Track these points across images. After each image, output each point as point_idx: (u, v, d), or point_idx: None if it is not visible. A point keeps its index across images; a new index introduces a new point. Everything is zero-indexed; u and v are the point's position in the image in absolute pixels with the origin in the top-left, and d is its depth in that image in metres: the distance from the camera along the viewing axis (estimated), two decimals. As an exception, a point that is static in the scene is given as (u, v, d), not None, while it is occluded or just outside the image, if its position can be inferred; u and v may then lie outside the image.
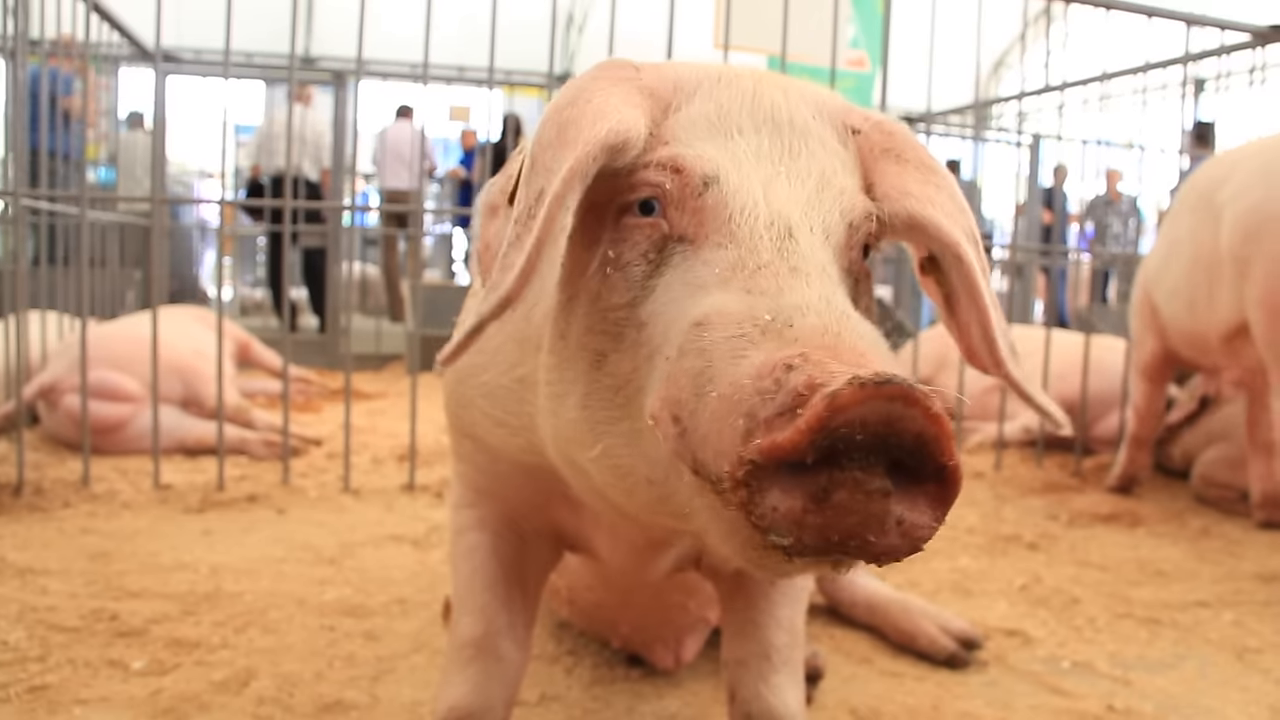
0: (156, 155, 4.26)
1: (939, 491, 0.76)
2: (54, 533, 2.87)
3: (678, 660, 1.98)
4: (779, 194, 0.97)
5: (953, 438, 0.74)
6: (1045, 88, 5.77)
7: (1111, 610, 2.51)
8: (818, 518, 0.73)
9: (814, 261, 0.91)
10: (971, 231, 1.06)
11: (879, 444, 0.73)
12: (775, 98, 1.06)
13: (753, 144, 1.02)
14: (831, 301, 0.85)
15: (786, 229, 0.94)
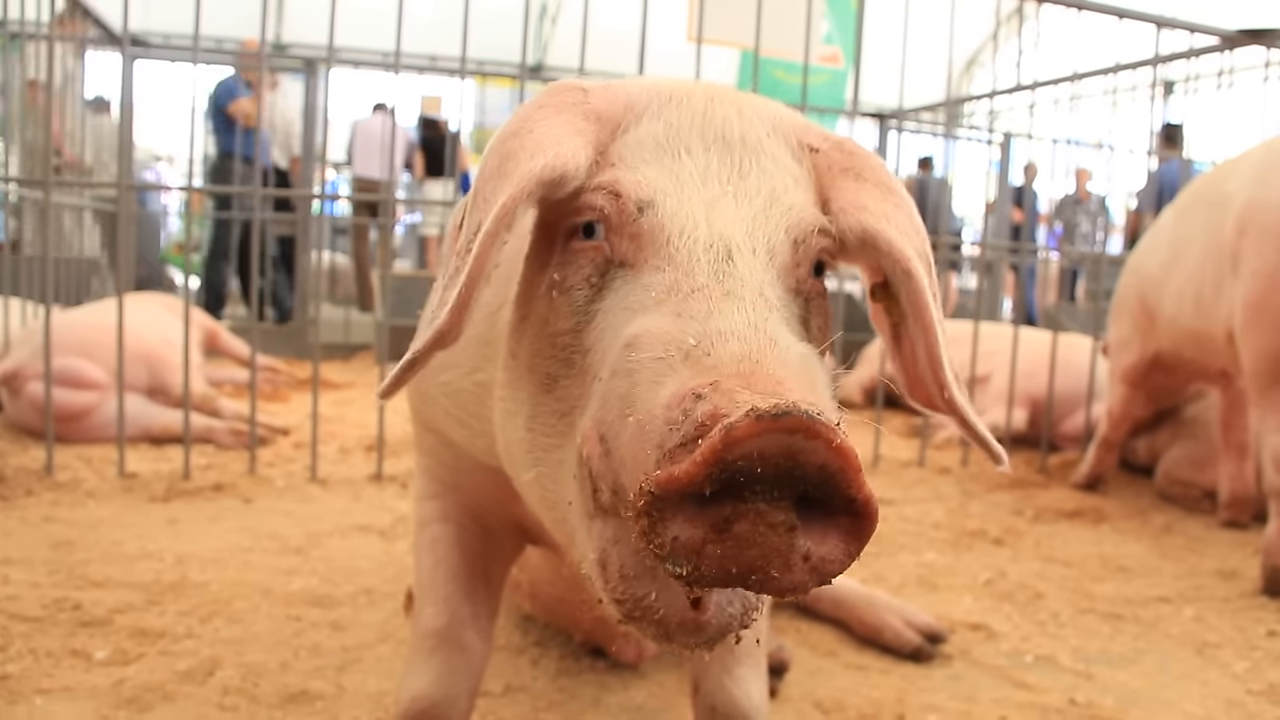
0: (123, 140, 4.22)
1: (851, 525, 0.75)
2: (16, 521, 2.84)
3: (639, 654, 1.98)
4: (722, 214, 0.96)
5: (859, 470, 0.73)
6: (1016, 87, 5.81)
7: (1075, 605, 2.54)
8: (718, 549, 0.72)
9: (750, 284, 0.90)
10: (925, 254, 1.05)
11: (783, 476, 0.72)
12: (728, 115, 1.04)
13: (700, 163, 1.01)
14: (760, 327, 0.84)
15: (726, 251, 0.92)
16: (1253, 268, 2.91)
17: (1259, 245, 2.90)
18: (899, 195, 1.07)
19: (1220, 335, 3.12)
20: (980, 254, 5.32)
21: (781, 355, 0.81)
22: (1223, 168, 3.40)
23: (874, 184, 1.06)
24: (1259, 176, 3.00)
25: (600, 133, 1.05)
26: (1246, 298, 2.92)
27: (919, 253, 1.03)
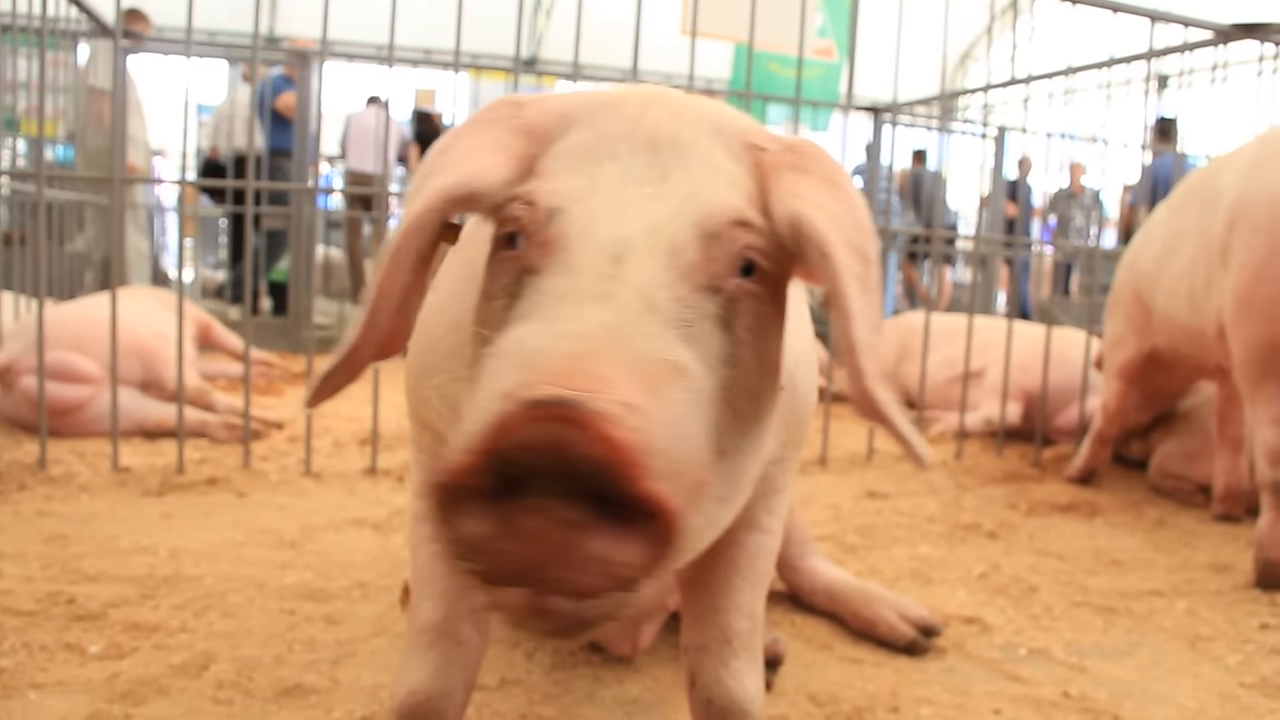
0: (116, 133, 4.21)
1: (649, 528, 0.71)
2: (9, 515, 2.83)
3: (634, 647, 1.98)
4: (627, 217, 0.94)
5: (636, 465, 0.69)
6: (1011, 81, 5.81)
7: (1068, 599, 2.54)
8: (505, 544, 0.71)
9: (633, 284, 0.87)
10: (860, 248, 0.98)
11: (566, 471, 0.69)
12: (661, 119, 1.03)
13: (623, 168, 0.99)
14: (615, 327, 0.81)
15: (619, 253, 0.90)
16: (1241, 260, 2.91)
17: (1248, 238, 2.90)
18: (843, 191, 1.02)
19: (1213, 331, 3.12)
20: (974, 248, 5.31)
21: (624, 355, 0.78)
22: (1216, 163, 3.40)
23: (818, 178, 1.01)
24: (1249, 171, 3.01)
25: (528, 146, 1.04)
26: (1235, 290, 2.92)
27: (850, 243, 0.97)
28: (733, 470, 0.97)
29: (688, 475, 0.74)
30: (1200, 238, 3.21)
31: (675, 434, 0.74)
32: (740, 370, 0.93)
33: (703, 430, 0.82)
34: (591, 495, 0.69)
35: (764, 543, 1.44)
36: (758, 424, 1.00)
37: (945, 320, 5.49)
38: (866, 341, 0.93)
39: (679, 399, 0.78)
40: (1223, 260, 3.03)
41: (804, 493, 3.50)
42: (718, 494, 0.94)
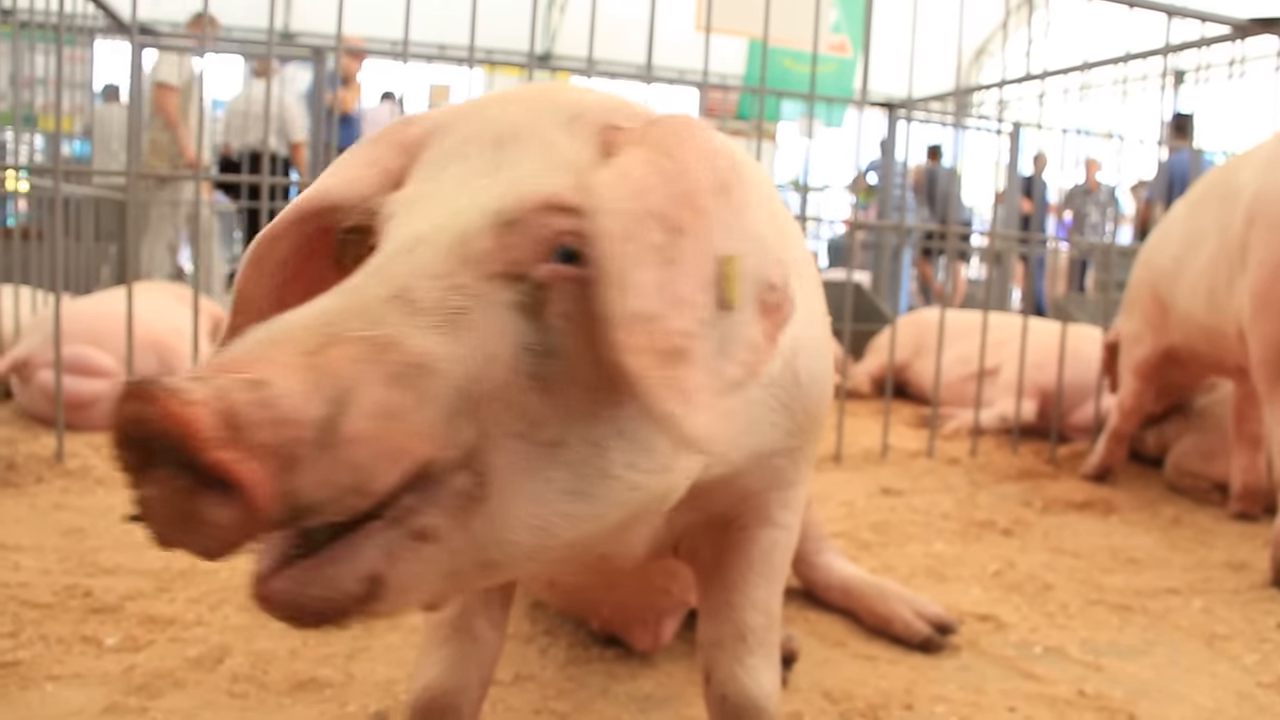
0: (133, 129, 4.22)
1: (239, 494, 0.73)
2: (26, 509, 2.85)
3: (656, 641, 1.98)
4: (434, 212, 0.94)
5: (199, 434, 0.70)
6: (1026, 76, 5.79)
7: (1084, 597, 2.53)
8: (150, 509, 0.76)
9: (390, 275, 0.87)
10: (666, 215, 0.90)
11: (154, 445, 0.73)
12: (515, 115, 1.02)
13: (465, 168, 0.99)
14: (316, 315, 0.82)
15: (411, 249, 0.90)
16: (1259, 257, 2.90)
17: (1267, 235, 2.89)
18: (672, 159, 0.94)
19: (1233, 331, 3.11)
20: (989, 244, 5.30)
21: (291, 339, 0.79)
22: (1235, 160, 3.38)
23: (650, 147, 0.95)
24: (1268, 167, 2.99)
25: (400, 159, 1.06)
26: (1254, 287, 2.91)
27: (650, 211, 0.90)
28: (581, 464, 0.93)
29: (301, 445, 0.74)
30: (1219, 235, 3.19)
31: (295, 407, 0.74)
32: (563, 360, 0.91)
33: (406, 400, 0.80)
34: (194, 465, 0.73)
35: (779, 538, 1.43)
36: (611, 415, 0.95)
37: (960, 317, 5.47)
38: (641, 313, 0.87)
39: (349, 370, 0.78)
40: (1242, 258, 3.01)
41: (818, 489, 3.49)
42: (566, 487, 0.92)
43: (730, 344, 0.94)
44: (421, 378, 0.82)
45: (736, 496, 1.37)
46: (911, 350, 5.83)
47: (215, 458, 0.71)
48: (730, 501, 1.38)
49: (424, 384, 0.82)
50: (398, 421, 0.79)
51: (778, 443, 1.30)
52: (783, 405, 1.27)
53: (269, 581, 0.83)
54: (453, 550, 0.87)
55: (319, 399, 0.75)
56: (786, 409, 1.27)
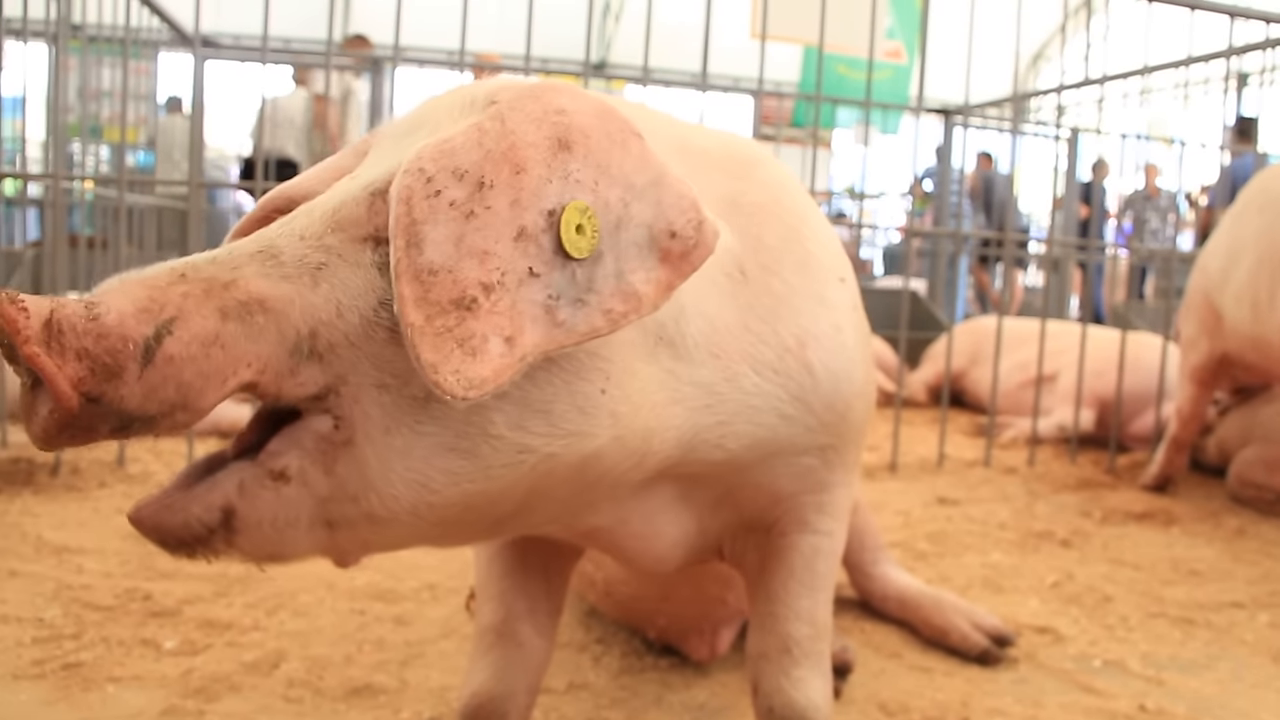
0: (194, 139, 4.29)
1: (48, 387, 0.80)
2: (90, 512, 2.90)
3: (713, 652, 1.98)
4: (334, 190, 1.04)
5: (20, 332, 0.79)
6: (1085, 81, 5.71)
7: (1144, 609, 2.49)
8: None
9: (268, 235, 0.97)
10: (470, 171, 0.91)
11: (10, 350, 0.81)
12: (425, 109, 1.12)
13: (383, 149, 1.11)
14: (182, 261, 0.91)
15: (294, 216, 1.00)
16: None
17: None
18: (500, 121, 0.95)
19: (1277, 341, 3.05)
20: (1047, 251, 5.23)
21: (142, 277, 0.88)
22: (1275, 168, 3.33)
23: (487, 114, 0.97)
24: None
25: (354, 161, 1.17)
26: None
27: (452, 168, 0.91)
28: (460, 421, 0.95)
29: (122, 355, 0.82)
30: (1259, 246, 3.15)
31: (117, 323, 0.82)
32: None
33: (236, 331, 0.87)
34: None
35: (819, 544, 1.41)
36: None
37: (1017, 325, 5.42)
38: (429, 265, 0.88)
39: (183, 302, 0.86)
40: None
41: (874, 499, 3.46)
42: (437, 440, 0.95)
43: (592, 293, 0.95)
44: (255, 314, 0.89)
45: (767, 498, 1.35)
46: (968, 358, 5.77)
47: (27, 350, 0.79)
48: (761, 503, 1.36)
49: (257, 319, 0.89)
50: (223, 349, 0.86)
51: (797, 438, 1.28)
52: (793, 397, 1.25)
53: (141, 509, 0.92)
54: (318, 495, 0.93)
55: (147, 321, 0.83)
56: (800, 401, 1.25)
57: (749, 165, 1.33)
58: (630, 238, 0.97)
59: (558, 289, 0.93)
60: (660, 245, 0.99)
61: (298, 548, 0.96)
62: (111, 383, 0.81)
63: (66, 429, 0.83)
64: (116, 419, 0.84)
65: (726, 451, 1.22)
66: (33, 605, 2.16)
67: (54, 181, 3.76)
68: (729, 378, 1.19)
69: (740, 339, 1.20)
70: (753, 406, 1.22)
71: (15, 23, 3.87)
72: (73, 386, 0.80)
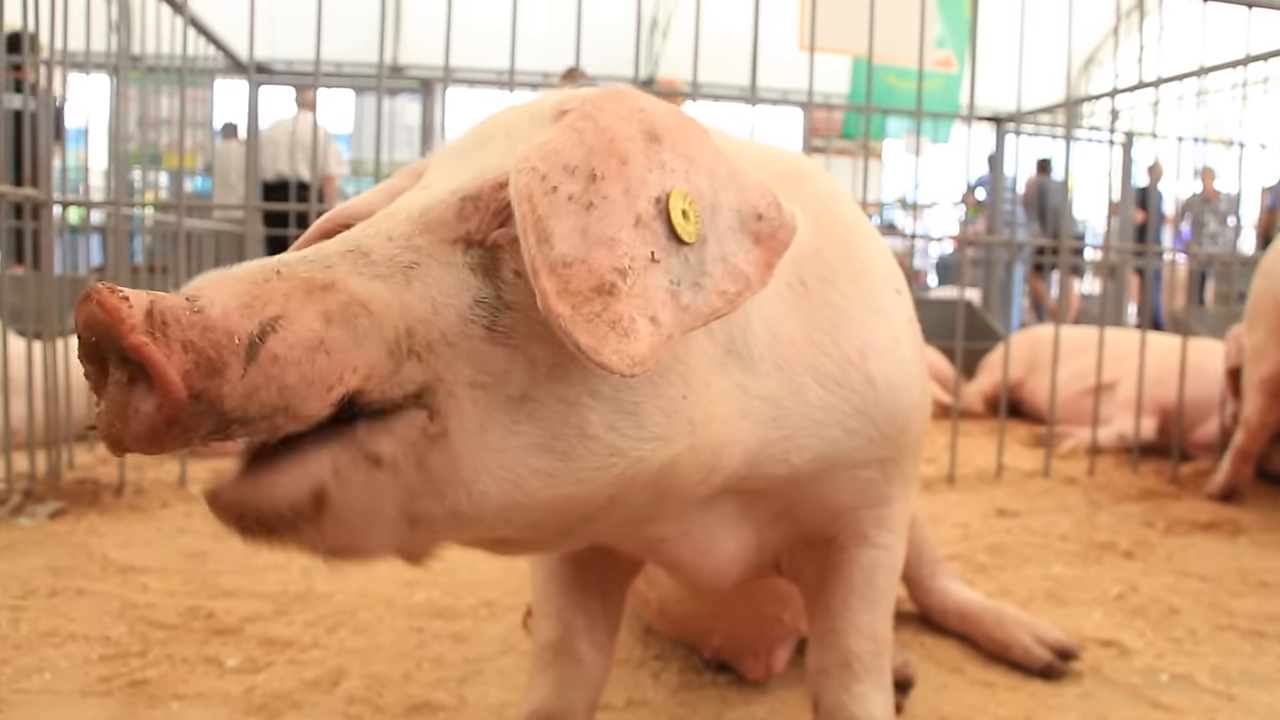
0: (250, 164, 4.36)
1: (154, 381, 0.77)
2: (153, 532, 2.95)
3: (769, 671, 1.96)
4: (411, 198, 1.04)
5: (121, 321, 0.76)
6: (1139, 84, 5.64)
7: (1213, 622, 2.44)
8: (100, 409, 0.81)
9: (356, 237, 0.96)
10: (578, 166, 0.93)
11: (93, 338, 0.79)
12: (491, 123, 1.12)
13: (444, 172, 1.09)
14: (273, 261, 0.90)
15: (377, 220, 1.00)
16: None
17: None
18: (584, 118, 0.97)
19: None
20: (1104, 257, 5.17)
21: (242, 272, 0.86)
22: None
23: (573, 116, 0.99)
24: None
25: (410, 182, 1.17)
26: None
27: (564, 166, 0.93)
28: (555, 420, 0.95)
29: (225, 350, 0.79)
30: None
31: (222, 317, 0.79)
32: (518, 313, 0.94)
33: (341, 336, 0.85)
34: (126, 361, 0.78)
35: (879, 559, 1.40)
36: (582, 374, 0.97)
37: (1074, 333, 5.35)
38: (562, 258, 0.89)
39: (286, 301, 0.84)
40: None
41: (932, 511, 3.43)
42: (531, 440, 0.94)
43: (705, 276, 0.97)
44: (359, 317, 0.87)
45: (828, 513, 1.35)
46: (1025, 368, 5.71)
47: (133, 340, 0.76)
48: (820, 518, 1.36)
49: (361, 323, 0.87)
50: (328, 354, 0.84)
51: (858, 451, 1.27)
52: (856, 410, 1.24)
53: (220, 490, 0.88)
54: (409, 486, 0.90)
55: (250, 317, 0.81)
56: (863, 414, 1.25)
57: (798, 179, 1.33)
58: (725, 222, 1.00)
59: (676, 274, 0.95)
60: (750, 228, 1.01)
61: (377, 542, 0.93)
62: (214, 379, 0.78)
63: (173, 427, 0.79)
64: (214, 420, 0.80)
65: (790, 466, 1.22)
66: (99, 623, 2.20)
67: (115, 208, 3.83)
68: (794, 391, 1.18)
69: (804, 351, 1.20)
70: (817, 420, 1.21)
71: (78, 56, 3.96)
72: (181, 379, 0.77)
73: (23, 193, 3.39)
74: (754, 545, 1.36)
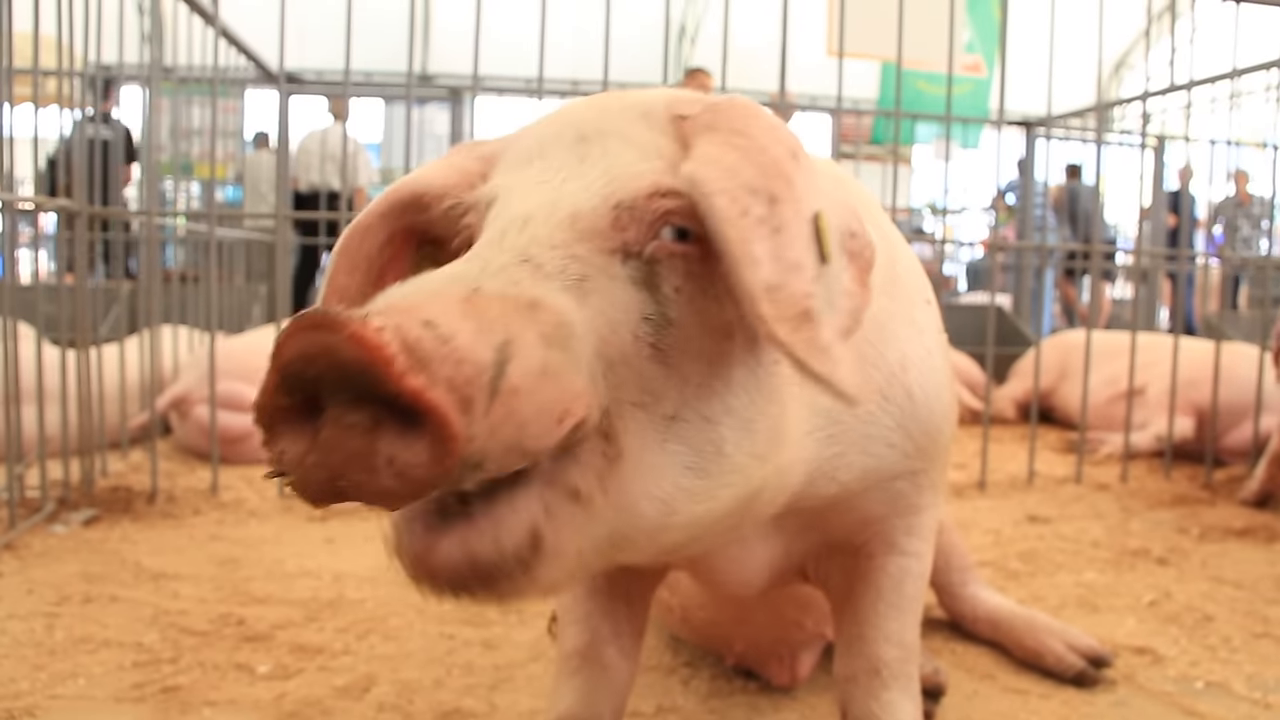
0: (281, 174, 4.39)
1: (430, 427, 0.70)
2: (185, 539, 2.97)
3: (793, 677, 1.95)
4: (537, 195, 0.96)
5: (390, 360, 0.68)
6: (1171, 87, 5.59)
7: (1248, 629, 2.41)
8: (313, 457, 0.72)
9: (510, 247, 0.89)
10: (766, 189, 0.92)
11: (346, 378, 0.70)
12: (588, 115, 1.04)
13: (548, 163, 1.01)
14: (458, 274, 0.82)
15: (517, 224, 0.92)
16: None
17: None
18: (748, 137, 0.96)
19: None
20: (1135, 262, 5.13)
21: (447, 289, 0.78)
22: None
23: (725, 131, 0.97)
24: None
25: (480, 165, 1.10)
26: None
27: (748, 186, 0.91)
28: (697, 438, 0.93)
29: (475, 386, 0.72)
30: None
31: (472, 347, 0.73)
32: (678, 330, 0.92)
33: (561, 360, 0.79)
34: (376, 400, 0.70)
35: (908, 566, 1.40)
36: (734, 393, 0.96)
37: (1106, 338, 5.30)
38: (767, 284, 0.87)
39: (496, 322, 0.77)
40: None
41: (963, 517, 3.41)
42: (680, 459, 0.92)
43: (834, 296, 0.95)
44: (569, 338, 0.82)
45: (857, 522, 1.34)
46: (1056, 373, 5.66)
47: (410, 384, 0.69)
48: (851, 526, 1.35)
49: (570, 344, 0.82)
50: (553, 379, 0.78)
51: (896, 464, 1.27)
52: (898, 424, 1.24)
53: (433, 547, 0.79)
54: (595, 516, 0.86)
55: (487, 344, 0.74)
56: (903, 428, 1.24)
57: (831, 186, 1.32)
58: (835, 241, 0.99)
59: (824, 294, 0.94)
60: (846, 246, 1.00)
61: (573, 580, 0.88)
62: (466, 417, 0.71)
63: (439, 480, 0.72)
64: (460, 466, 0.73)
65: (839, 484, 1.21)
66: (132, 630, 2.21)
67: (148, 218, 3.87)
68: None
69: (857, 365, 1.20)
70: (866, 435, 1.21)
71: (112, 68, 4.00)
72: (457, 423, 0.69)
73: (58, 203, 3.43)
74: (783, 553, 1.36)
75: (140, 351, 4.06)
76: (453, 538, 0.79)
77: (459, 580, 0.80)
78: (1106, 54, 11.27)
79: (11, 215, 3.29)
